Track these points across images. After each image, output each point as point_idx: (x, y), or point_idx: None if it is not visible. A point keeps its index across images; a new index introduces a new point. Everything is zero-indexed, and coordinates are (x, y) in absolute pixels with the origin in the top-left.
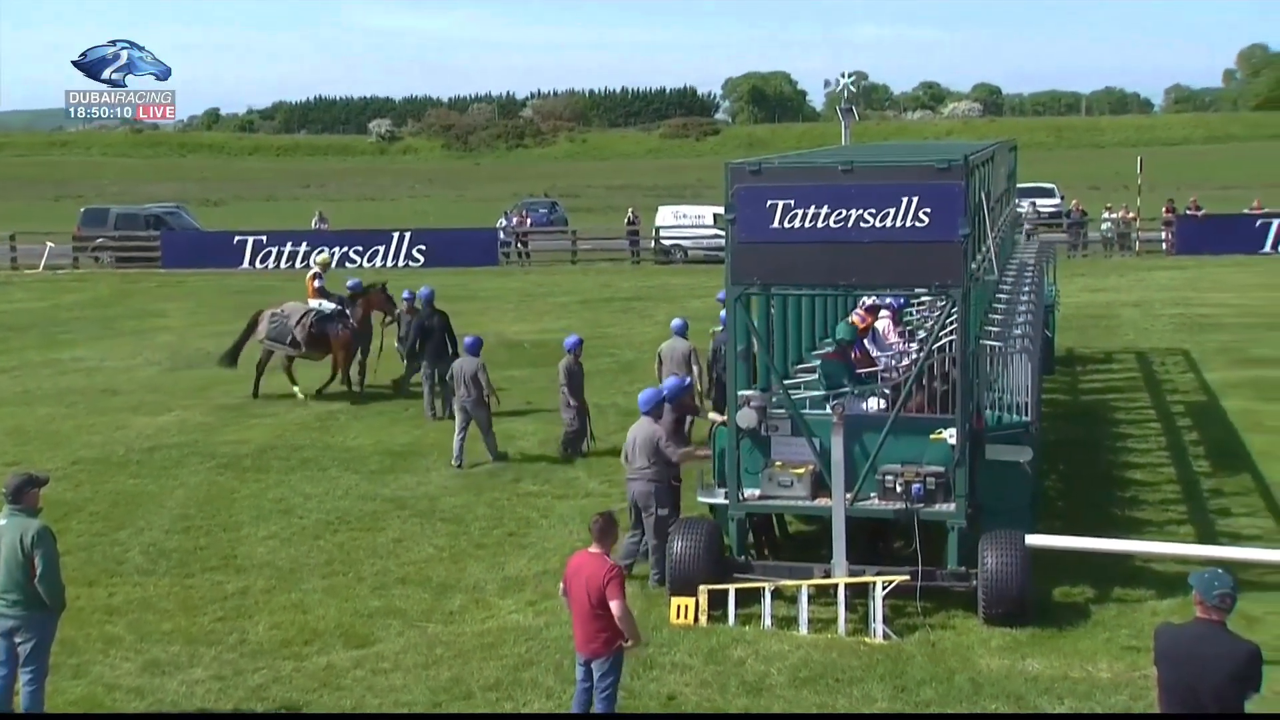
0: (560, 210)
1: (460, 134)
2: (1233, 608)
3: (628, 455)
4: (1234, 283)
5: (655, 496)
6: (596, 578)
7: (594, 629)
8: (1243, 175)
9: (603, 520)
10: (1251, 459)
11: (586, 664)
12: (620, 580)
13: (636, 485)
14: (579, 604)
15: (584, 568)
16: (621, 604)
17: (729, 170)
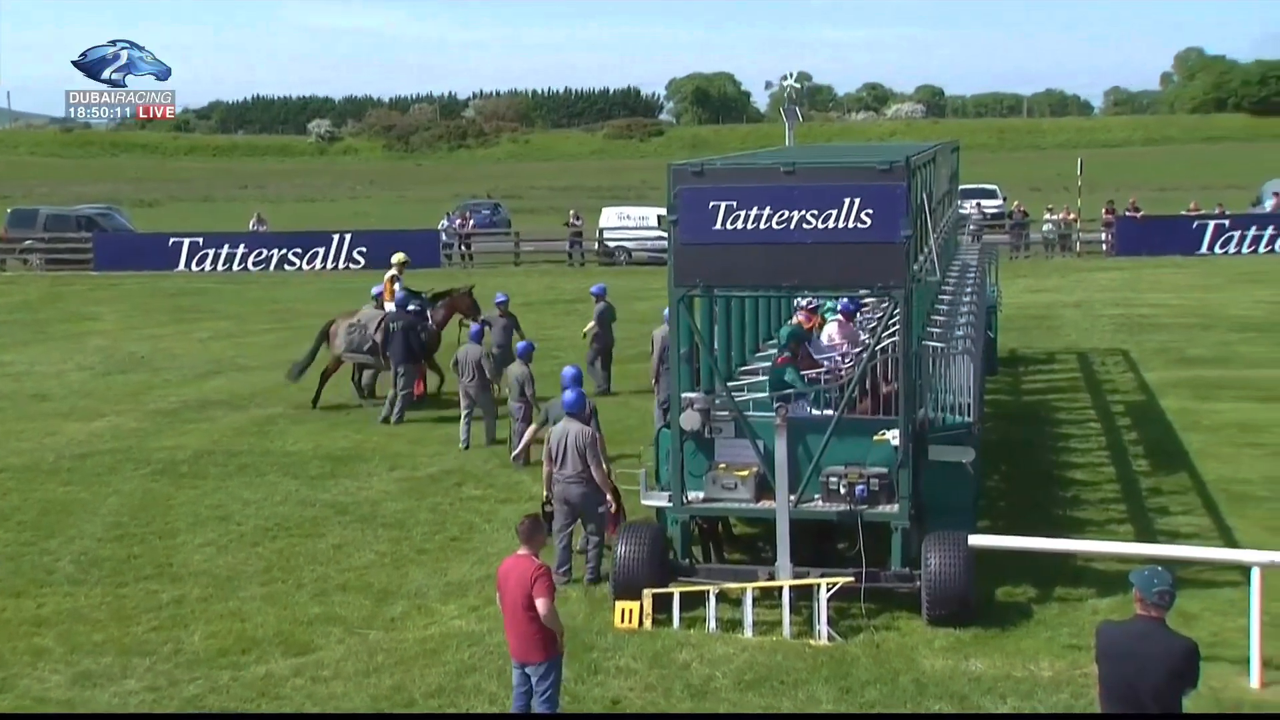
0: (503, 211)
1: (401, 134)
2: (1171, 605)
3: (553, 455)
4: (1172, 283)
5: (592, 497)
6: (525, 579)
7: (527, 633)
8: (1180, 177)
9: (529, 522)
10: (1189, 458)
11: (522, 669)
12: (547, 579)
13: (572, 489)
14: (510, 609)
15: (513, 571)
16: (547, 602)
17: (671, 171)
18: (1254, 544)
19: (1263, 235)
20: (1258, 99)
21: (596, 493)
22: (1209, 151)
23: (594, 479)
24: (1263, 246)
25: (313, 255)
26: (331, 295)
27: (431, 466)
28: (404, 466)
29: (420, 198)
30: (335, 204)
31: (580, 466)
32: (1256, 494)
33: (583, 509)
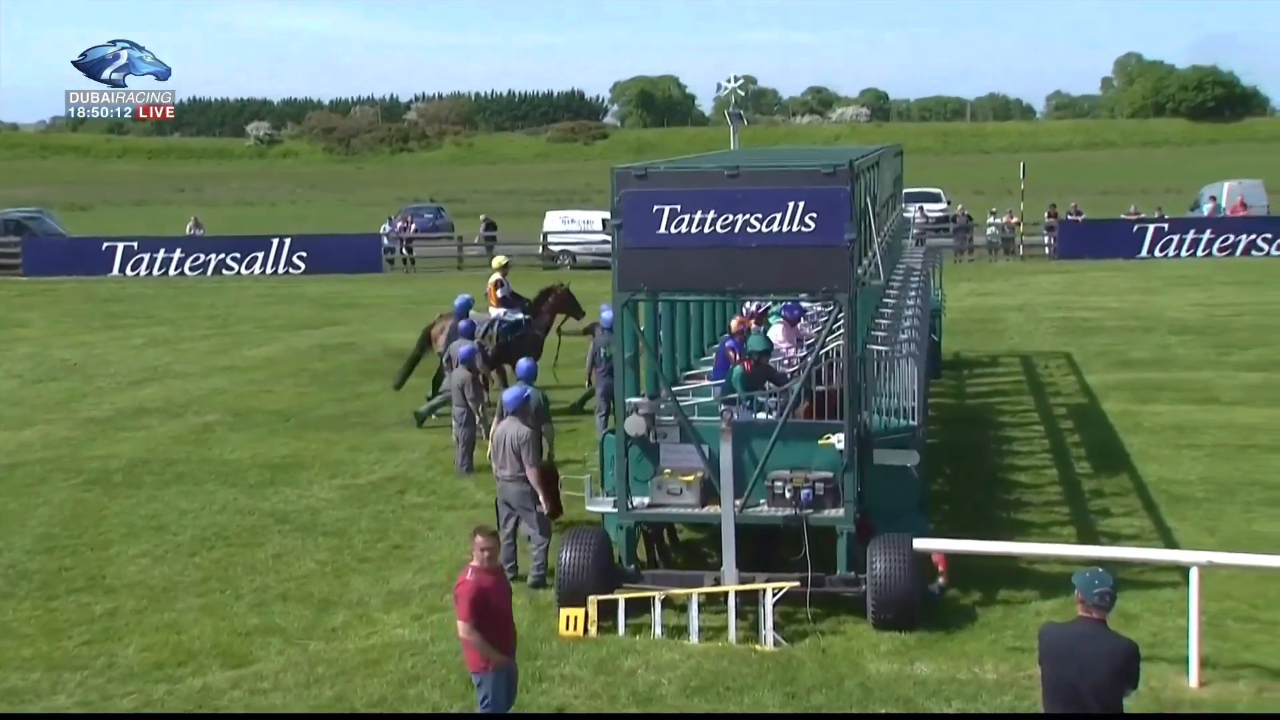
0: (445, 215)
1: (342, 137)
2: (1112, 606)
3: (495, 455)
4: (1113, 286)
5: (531, 496)
6: (454, 592)
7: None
8: (1120, 180)
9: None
10: (1130, 459)
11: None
12: (463, 597)
13: (510, 488)
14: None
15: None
16: (460, 624)
17: (615, 175)
18: (1192, 544)
19: (1200, 239)
20: (1195, 104)
21: (534, 493)
22: (1148, 156)
23: (529, 477)
24: (1200, 250)
25: (251, 260)
26: (271, 301)
27: (373, 474)
28: (345, 474)
29: (362, 201)
30: (275, 208)
31: (518, 466)
32: (1194, 495)
33: (520, 509)
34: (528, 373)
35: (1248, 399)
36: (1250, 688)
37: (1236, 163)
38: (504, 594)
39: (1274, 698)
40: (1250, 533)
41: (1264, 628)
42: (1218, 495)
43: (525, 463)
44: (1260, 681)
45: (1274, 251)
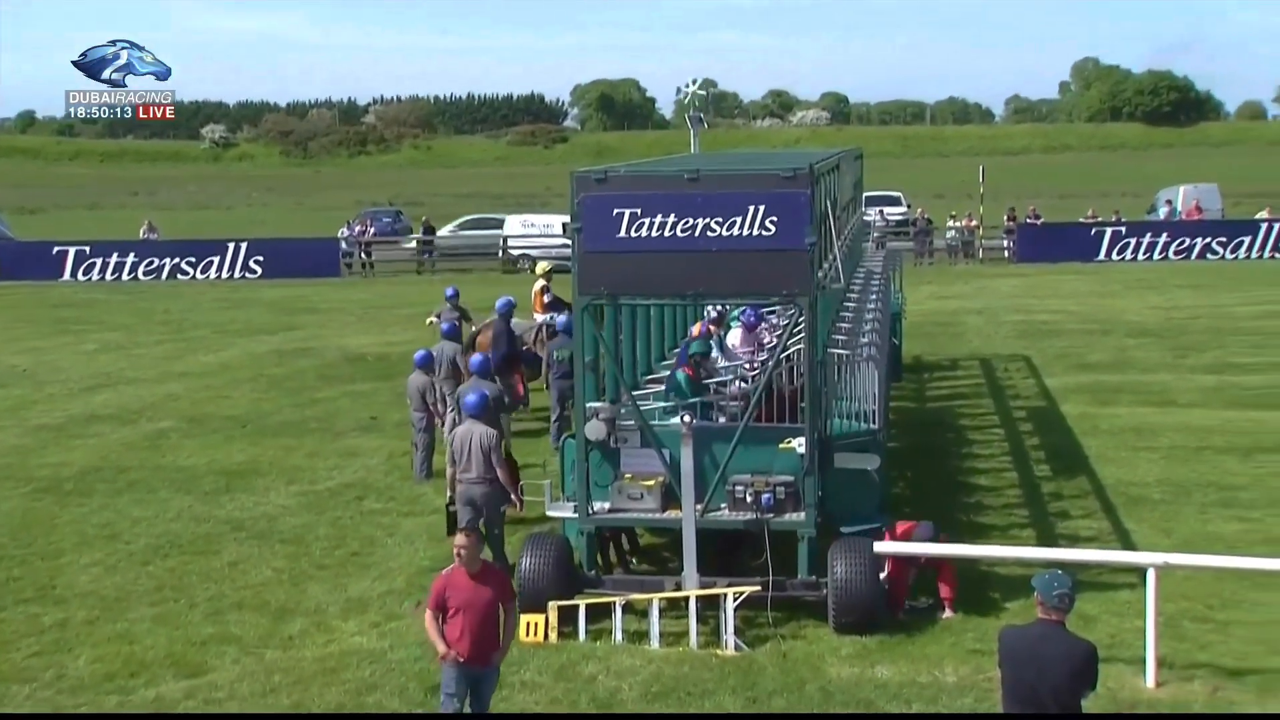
0: (405, 219)
1: (299, 140)
2: (1071, 607)
3: (456, 458)
4: (1071, 290)
5: (495, 497)
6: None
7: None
8: (1078, 184)
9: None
10: (1088, 462)
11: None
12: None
13: (476, 489)
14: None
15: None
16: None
17: (574, 179)
18: (1149, 546)
19: (1157, 242)
20: (1151, 108)
21: (500, 494)
22: (1105, 159)
23: (497, 480)
24: (1157, 254)
25: (207, 264)
26: (227, 306)
27: (331, 480)
28: (303, 480)
29: (319, 205)
30: (231, 212)
31: (484, 468)
32: (1152, 496)
33: (485, 510)
34: (481, 367)
35: (1203, 401)
36: (1205, 688)
37: (1191, 166)
38: (478, 595)
39: (1228, 697)
40: (1205, 533)
41: (1218, 628)
42: (1174, 497)
43: (496, 464)
44: (1215, 681)
45: (1228, 255)
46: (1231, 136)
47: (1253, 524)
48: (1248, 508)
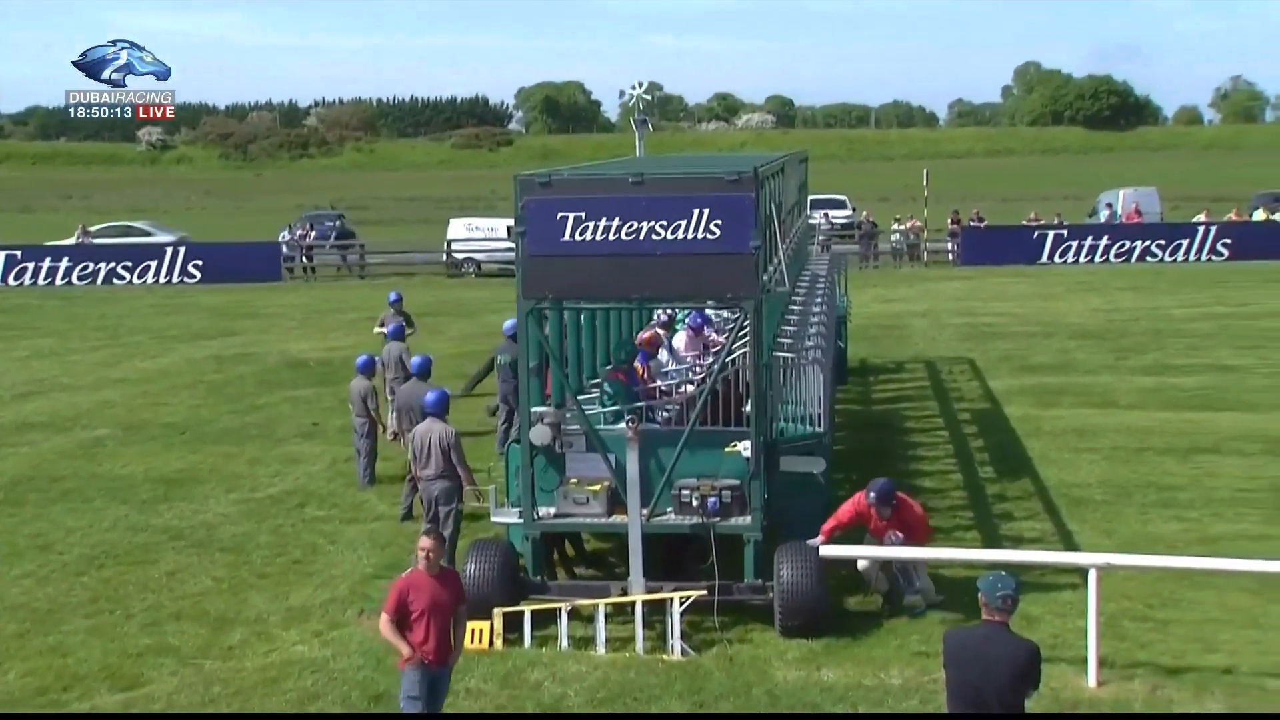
0: (347, 223)
1: (239, 143)
2: (1014, 609)
3: (417, 455)
4: (1014, 292)
5: (456, 492)
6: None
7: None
8: (1021, 187)
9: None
10: (1031, 463)
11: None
12: (390, 591)
13: (436, 485)
14: None
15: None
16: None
17: (518, 182)
18: (1091, 546)
19: (1098, 245)
20: (1091, 113)
21: (458, 490)
22: (1047, 163)
23: (456, 476)
24: (1098, 256)
25: (144, 269)
26: (165, 311)
27: (273, 487)
28: (242, 488)
29: (260, 209)
30: (168, 215)
31: (443, 465)
32: (1093, 498)
33: (444, 505)
34: (421, 368)
35: (1143, 403)
36: (1145, 686)
37: (1131, 170)
38: (440, 597)
39: (1167, 695)
40: (1145, 534)
41: (1158, 626)
42: (1115, 498)
43: (456, 461)
44: (1154, 680)
45: (1167, 258)
46: (1169, 141)
47: (1190, 524)
48: (1185, 508)
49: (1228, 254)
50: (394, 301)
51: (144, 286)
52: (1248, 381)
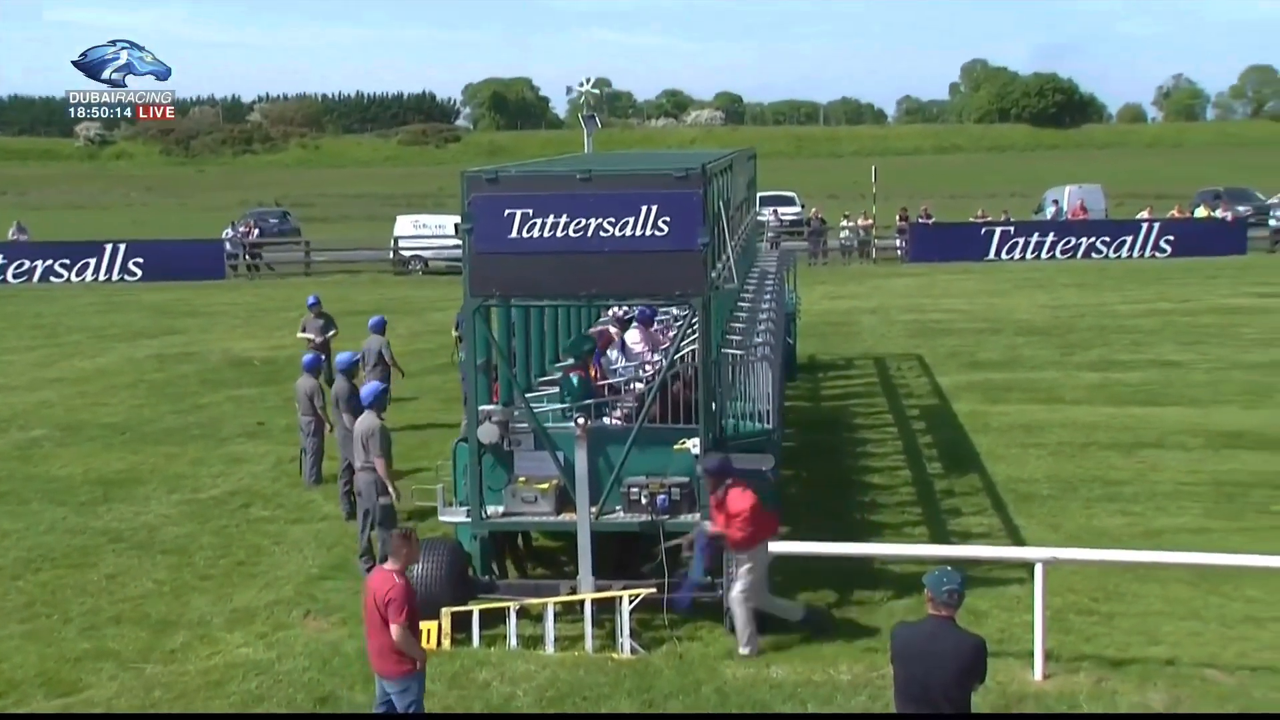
0: (292, 220)
1: (181, 139)
2: (960, 604)
3: (356, 446)
4: (962, 289)
5: (376, 485)
6: (380, 594)
7: (380, 646)
8: (968, 184)
9: (397, 537)
10: (979, 459)
11: (381, 682)
12: (399, 600)
13: (362, 477)
14: (368, 621)
15: (375, 584)
16: (399, 628)
17: (465, 179)
18: (1037, 541)
19: (1044, 242)
20: (1037, 110)
21: (379, 484)
22: (994, 160)
23: (376, 468)
24: (1044, 253)
25: (83, 267)
26: (105, 309)
27: (216, 488)
28: (185, 488)
29: (203, 205)
30: (108, 212)
31: (364, 458)
32: (1040, 493)
33: (367, 499)
34: (345, 364)
35: (1088, 398)
36: (1089, 679)
37: (1077, 167)
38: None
39: (1111, 688)
40: (1091, 528)
41: (1103, 620)
42: (1061, 493)
43: (372, 454)
44: (1099, 673)
45: (1111, 254)
46: (1114, 138)
47: (1135, 518)
48: (1130, 501)
49: (1170, 250)
50: (313, 304)
51: (83, 284)
52: (1190, 377)
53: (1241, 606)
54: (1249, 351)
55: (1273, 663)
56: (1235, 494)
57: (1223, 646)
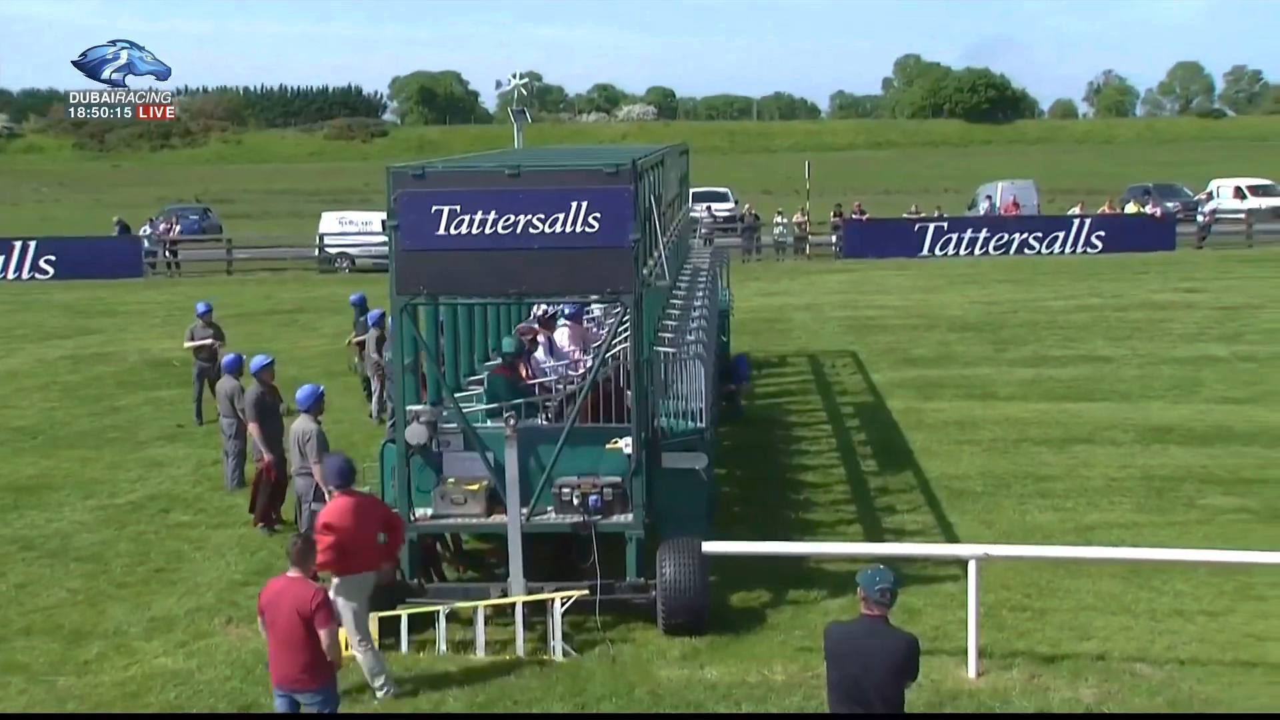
0: (213, 217)
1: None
2: (893, 602)
3: (290, 451)
4: (895, 285)
5: (313, 491)
6: (303, 604)
7: (299, 661)
8: (902, 180)
9: (302, 542)
10: (913, 456)
11: (289, 697)
12: (328, 606)
13: (298, 481)
14: (281, 634)
15: (285, 595)
16: (329, 631)
17: (391, 175)
18: (971, 538)
19: (977, 238)
20: (970, 106)
21: (315, 487)
22: (927, 156)
23: (313, 473)
24: (978, 249)
25: None
26: (14, 309)
27: (134, 492)
28: (101, 494)
29: (119, 202)
30: (17, 208)
31: (300, 460)
32: (974, 489)
33: (304, 502)
34: (257, 367)
35: (1021, 394)
36: (1022, 676)
37: (1009, 163)
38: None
39: (1044, 684)
40: (1024, 524)
41: (1035, 615)
42: (994, 489)
43: (309, 458)
44: (1031, 669)
45: (1044, 250)
46: (1046, 134)
47: (1066, 513)
48: (1062, 497)
49: (1101, 246)
50: (202, 313)
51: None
52: (1121, 372)
53: (1170, 600)
54: (1176, 347)
55: (1199, 655)
56: (1164, 488)
57: (1152, 640)
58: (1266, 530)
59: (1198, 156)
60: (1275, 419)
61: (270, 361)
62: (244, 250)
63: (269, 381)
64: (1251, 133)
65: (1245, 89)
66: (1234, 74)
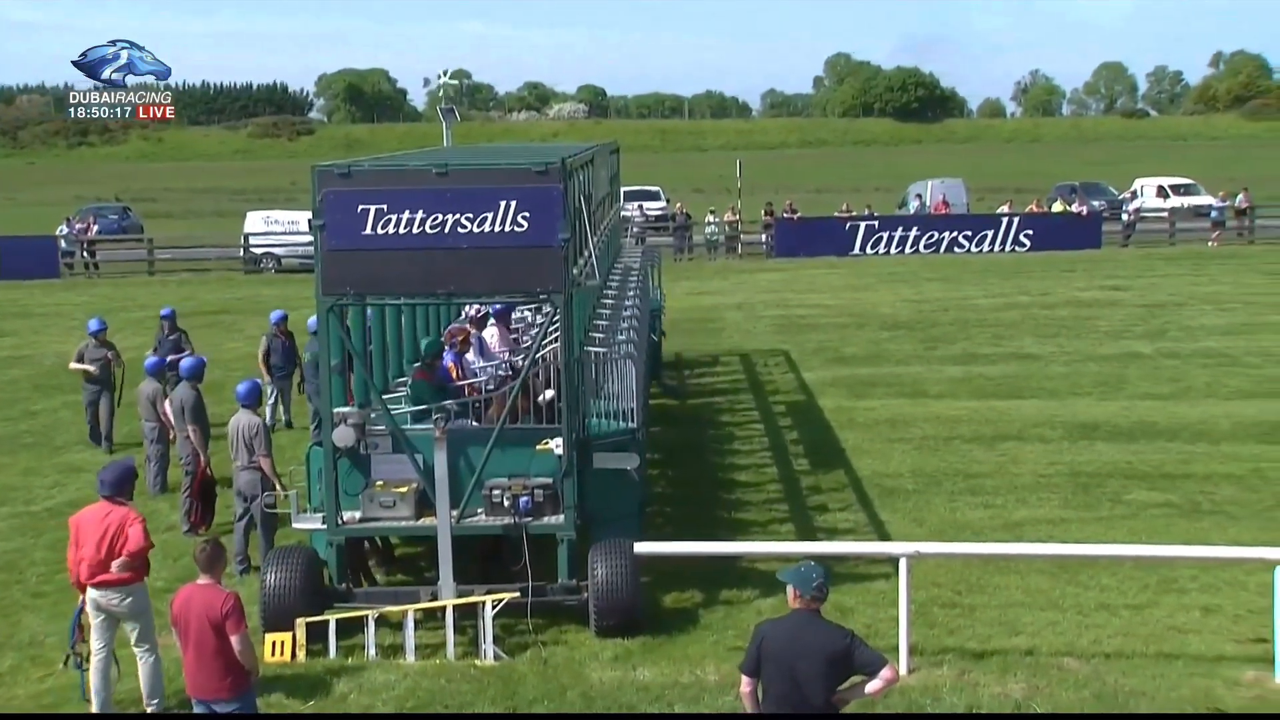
0: (133, 216)
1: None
2: (825, 597)
3: (230, 446)
4: (827, 284)
5: (261, 484)
6: (214, 610)
7: (214, 669)
8: (833, 179)
9: (210, 548)
10: (845, 455)
11: (209, 707)
12: (239, 610)
13: (243, 476)
14: (194, 644)
15: (195, 602)
16: (243, 637)
17: (316, 174)
18: (902, 536)
19: (907, 236)
20: (900, 105)
21: (263, 481)
22: (858, 154)
23: (261, 468)
24: (908, 247)
25: None
26: None
27: (51, 499)
28: (16, 501)
29: (35, 200)
30: None
31: (247, 458)
32: (905, 487)
33: (250, 497)
34: (190, 370)
35: (951, 392)
36: (953, 672)
37: (939, 162)
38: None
39: (974, 679)
40: (954, 521)
41: (965, 612)
42: (925, 486)
43: (256, 452)
44: (962, 665)
45: (973, 249)
46: (974, 133)
47: (996, 510)
48: (991, 494)
49: (1029, 244)
50: (95, 331)
51: None
52: (1049, 369)
53: (1096, 595)
54: (1102, 344)
55: (1124, 648)
56: (1091, 484)
57: (1078, 635)
58: (1188, 524)
59: (1122, 155)
60: (1196, 415)
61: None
62: (166, 250)
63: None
64: (1172, 132)
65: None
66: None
